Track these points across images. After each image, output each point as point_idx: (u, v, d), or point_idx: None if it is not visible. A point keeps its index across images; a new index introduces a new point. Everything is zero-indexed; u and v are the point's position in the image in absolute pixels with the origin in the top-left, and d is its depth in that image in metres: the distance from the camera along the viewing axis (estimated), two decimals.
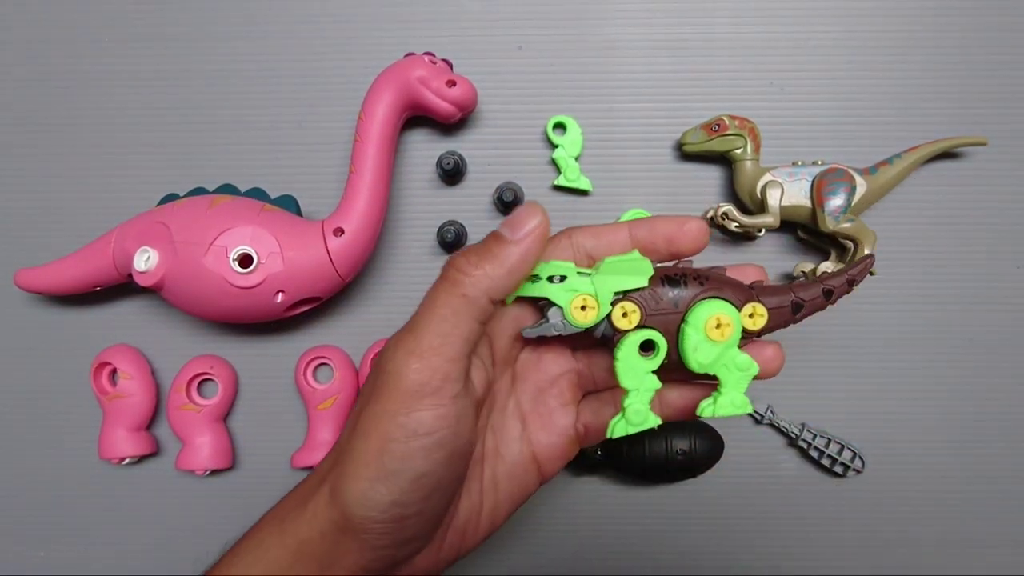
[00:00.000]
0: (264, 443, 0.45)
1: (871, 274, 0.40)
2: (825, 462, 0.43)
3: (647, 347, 0.28)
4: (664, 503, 0.44)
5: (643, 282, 0.28)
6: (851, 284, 0.30)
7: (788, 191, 0.42)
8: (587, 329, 0.28)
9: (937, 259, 0.45)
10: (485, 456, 0.31)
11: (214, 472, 0.44)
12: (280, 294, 0.39)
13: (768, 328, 0.29)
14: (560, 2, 0.46)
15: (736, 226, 0.43)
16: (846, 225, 0.41)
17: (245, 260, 0.38)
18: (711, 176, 0.45)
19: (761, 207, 0.42)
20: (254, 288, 0.38)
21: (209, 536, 0.42)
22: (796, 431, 0.43)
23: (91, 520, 0.45)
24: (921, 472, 0.44)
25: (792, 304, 0.29)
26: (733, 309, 0.28)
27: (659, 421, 0.28)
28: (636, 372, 0.28)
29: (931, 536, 0.44)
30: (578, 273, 0.28)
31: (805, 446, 0.43)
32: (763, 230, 0.43)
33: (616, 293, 0.28)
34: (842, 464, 0.43)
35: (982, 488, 0.44)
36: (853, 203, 0.41)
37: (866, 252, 0.40)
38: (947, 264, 0.45)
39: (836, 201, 0.41)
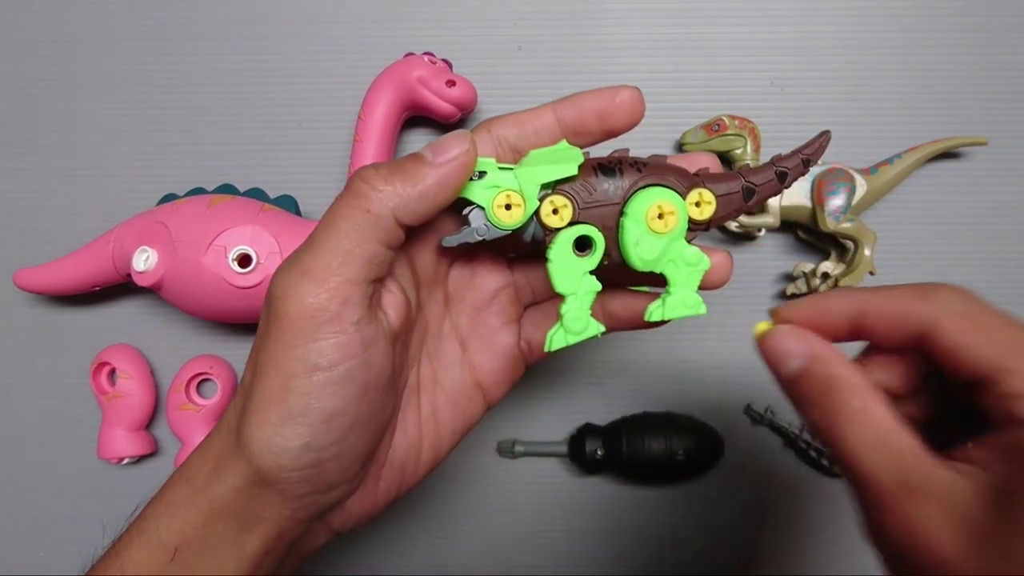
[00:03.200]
0: None
1: (871, 274, 0.40)
2: (825, 462, 0.43)
3: (583, 245, 0.26)
4: (664, 503, 0.44)
5: (572, 170, 0.25)
6: (806, 164, 0.27)
7: (788, 191, 0.42)
8: (515, 231, 0.25)
9: (937, 259, 0.45)
10: (422, 386, 0.29)
11: None
12: None
13: (718, 218, 0.27)
14: (560, 2, 0.46)
15: (736, 226, 0.43)
16: (846, 225, 0.41)
17: (244, 260, 0.38)
18: None
19: (761, 207, 0.42)
20: (253, 288, 0.38)
21: None
22: (796, 431, 0.43)
23: (91, 520, 0.45)
24: None
25: (743, 189, 0.27)
26: (676, 196, 0.26)
27: (602, 328, 0.26)
28: (572, 274, 0.25)
29: None
30: (499, 168, 0.25)
31: (805, 446, 0.43)
32: (763, 230, 0.43)
33: (543, 187, 0.25)
34: None
35: None
36: (853, 203, 0.41)
37: (866, 253, 0.40)
38: (947, 264, 0.45)
39: (836, 201, 0.41)
